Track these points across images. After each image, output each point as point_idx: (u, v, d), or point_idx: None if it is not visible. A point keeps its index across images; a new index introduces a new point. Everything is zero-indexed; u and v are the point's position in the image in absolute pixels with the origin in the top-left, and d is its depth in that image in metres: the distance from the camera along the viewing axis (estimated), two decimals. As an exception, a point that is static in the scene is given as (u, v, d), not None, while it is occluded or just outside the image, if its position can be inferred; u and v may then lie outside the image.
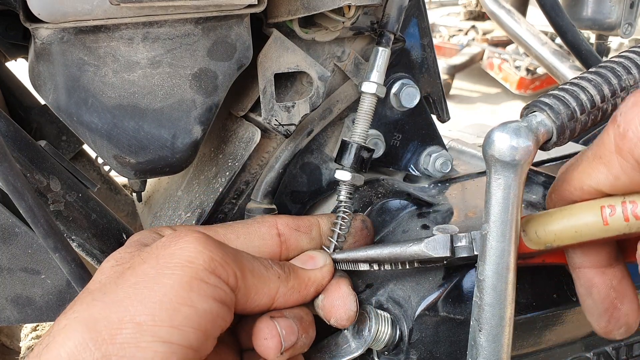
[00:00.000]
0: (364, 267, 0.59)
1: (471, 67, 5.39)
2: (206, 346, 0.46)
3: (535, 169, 0.81)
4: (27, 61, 0.59)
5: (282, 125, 0.65)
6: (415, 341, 0.59)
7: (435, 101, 0.79)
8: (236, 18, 0.58)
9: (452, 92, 5.31)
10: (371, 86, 0.64)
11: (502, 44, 5.29)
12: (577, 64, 1.16)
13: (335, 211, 0.63)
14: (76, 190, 0.60)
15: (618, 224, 0.44)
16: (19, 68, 0.88)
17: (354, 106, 0.72)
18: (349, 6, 0.60)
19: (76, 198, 0.60)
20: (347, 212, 0.62)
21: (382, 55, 0.64)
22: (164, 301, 0.43)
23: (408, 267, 0.57)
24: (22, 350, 1.44)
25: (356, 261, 0.59)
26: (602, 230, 0.45)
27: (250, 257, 0.53)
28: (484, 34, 5.55)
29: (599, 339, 0.69)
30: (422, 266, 0.57)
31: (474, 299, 0.51)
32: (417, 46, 0.75)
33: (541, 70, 4.73)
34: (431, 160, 0.79)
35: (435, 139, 0.80)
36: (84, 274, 0.54)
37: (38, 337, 1.46)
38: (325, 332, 0.62)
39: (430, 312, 0.59)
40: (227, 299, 0.47)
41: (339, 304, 0.57)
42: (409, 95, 0.73)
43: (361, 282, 0.65)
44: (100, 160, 0.86)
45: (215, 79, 0.59)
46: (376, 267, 0.59)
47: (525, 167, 0.46)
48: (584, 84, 0.50)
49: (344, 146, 0.64)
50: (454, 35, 5.89)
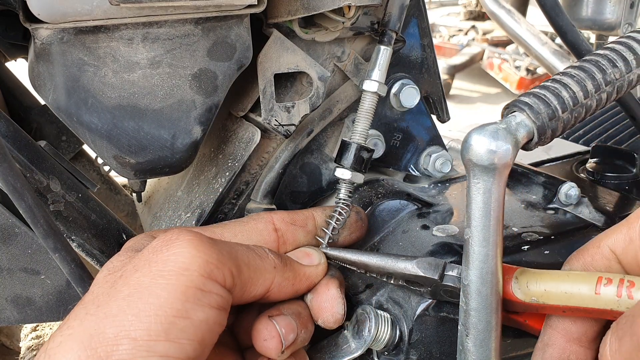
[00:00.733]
0: (353, 268, 0.59)
1: (471, 67, 5.39)
2: (203, 354, 0.45)
3: (535, 169, 0.81)
4: (27, 61, 0.59)
5: (282, 126, 0.65)
6: (415, 341, 0.59)
7: (435, 101, 0.79)
8: (236, 18, 0.57)
9: (452, 92, 5.31)
10: (372, 85, 0.64)
11: (502, 44, 5.29)
12: (577, 64, 1.15)
13: (334, 207, 0.64)
14: (76, 190, 0.60)
15: (608, 298, 0.43)
16: (19, 68, 0.88)
17: (354, 106, 0.72)
18: (349, 6, 0.60)
19: (76, 198, 0.60)
20: (345, 208, 0.63)
21: (384, 54, 0.64)
22: (159, 314, 0.42)
23: (393, 282, 0.57)
24: (22, 350, 1.44)
25: (346, 262, 0.60)
26: (591, 298, 0.44)
27: (245, 248, 0.52)
28: (484, 34, 5.55)
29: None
30: (406, 285, 0.57)
31: (460, 304, 0.51)
32: (417, 46, 0.75)
33: (541, 70, 4.73)
34: (431, 161, 0.79)
35: (435, 139, 0.80)
36: (83, 274, 0.54)
37: (38, 337, 1.46)
38: (326, 332, 0.61)
39: (430, 312, 0.59)
40: (224, 302, 0.47)
41: (327, 306, 0.57)
42: (409, 95, 0.73)
43: (361, 282, 0.65)
44: (100, 161, 0.86)
45: (215, 79, 0.59)
46: (363, 271, 0.59)
47: (504, 170, 0.45)
48: (566, 80, 0.48)
49: (344, 146, 0.64)
50: (454, 35, 5.89)
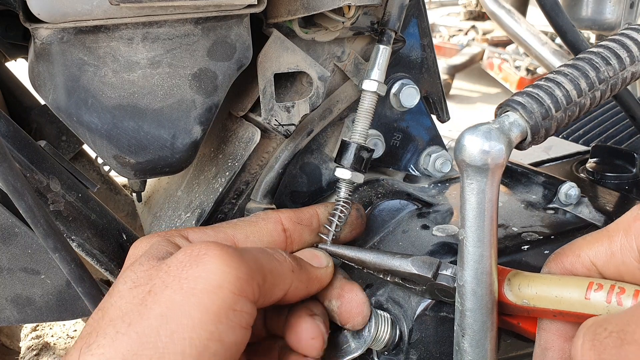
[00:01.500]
0: (351, 264, 0.60)
1: (471, 67, 5.38)
2: None
3: (535, 169, 0.81)
4: (27, 61, 0.59)
5: (282, 126, 0.65)
6: (415, 341, 0.59)
7: (435, 101, 0.79)
8: (236, 18, 0.57)
9: (452, 92, 5.30)
10: (372, 84, 0.64)
11: (502, 44, 5.29)
12: (577, 64, 1.15)
13: (334, 206, 0.64)
14: (76, 190, 0.60)
15: (598, 303, 0.43)
16: (19, 68, 0.88)
17: (354, 106, 0.72)
18: (349, 6, 0.60)
19: (76, 198, 0.60)
20: (345, 207, 0.63)
21: (383, 54, 0.64)
22: (193, 337, 0.43)
23: (390, 279, 0.58)
24: (22, 350, 1.44)
25: (344, 259, 0.60)
26: (581, 303, 0.44)
27: (267, 256, 0.52)
28: (484, 34, 5.54)
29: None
30: (402, 283, 0.57)
31: (455, 304, 0.51)
32: (417, 46, 0.75)
33: (541, 70, 4.73)
34: (431, 160, 0.79)
35: (435, 139, 0.80)
36: (83, 274, 0.54)
37: (38, 337, 1.46)
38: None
39: (430, 312, 0.59)
40: (252, 320, 0.47)
41: (357, 311, 0.58)
42: (409, 95, 0.73)
43: (361, 282, 0.65)
44: (100, 160, 0.86)
45: (215, 79, 0.58)
46: (361, 268, 0.60)
47: (498, 170, 0.45)
48: (559, 79, 0.48)
49: (343, 146, 0.64)
50: (454, 35, 5.88)
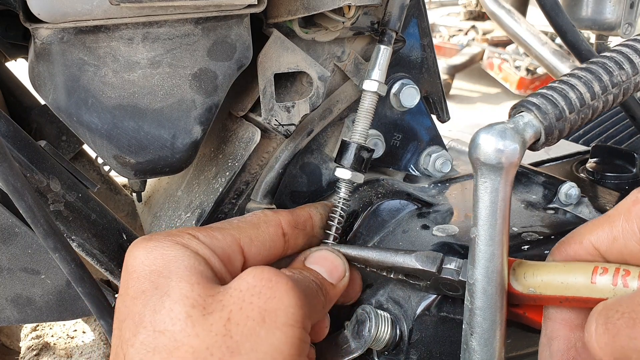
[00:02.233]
0: (354, 263, 0.60)
1: (471, 67, 5.38)
2: None
3: (535, 169, 0.81)
4: (27, 61, 0.59)
5: (282, 125, 0.65)
6: (415, 341, 0.59)
7: (435, 101, 0.79)
8: (236, 18, 0.57)
9: (452, 92, 5.30)
10: (372, 84, 0.64)
11: (502, 44, 5.28)
12: (577, 64, 1.16)
13: (334, 206, 0.64)
14: (76, 190, 0.60)
15: (604, 286, 0.44)
16: (19, 68, 0.88)
17: (354, 106, 0.72)
18: (349, 6, 0.60)
19: (76, 198, 0.60)
20: (345, 207, 0.63)
21: (384, 54, 0.64)
22: None
23: (393, 276, 0.58)
24: (22, 350, 1.44)
25: (347, 257, 0.60)
26: (587, 288, 0.44)
27: (313, 290, 0.54)
28: (484, 34, 5.54)
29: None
30: (405, 280, 0.57)
31: (465, 302, 0.51)
32: (417, 46, 0.75)
33: (541, 70, 4.73)
34: (431, 160, 0.79)
35: (435, 138, 0.80)
36: (83, 274, 0.54)
37: (38, 337, 1.46)
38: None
39: (430, 312, 0.59)
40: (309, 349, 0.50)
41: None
42: (409, 95, 0.73)
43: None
44: (100, 160, 0.86)
45: (215, 79, 0.58)
46: (364, 266, 0.60)
47: (512, 170, 0.45)
48: (573, 81, 0.49)
49: (343, 146, 0.64)
50: (454, 35, 5.88)
